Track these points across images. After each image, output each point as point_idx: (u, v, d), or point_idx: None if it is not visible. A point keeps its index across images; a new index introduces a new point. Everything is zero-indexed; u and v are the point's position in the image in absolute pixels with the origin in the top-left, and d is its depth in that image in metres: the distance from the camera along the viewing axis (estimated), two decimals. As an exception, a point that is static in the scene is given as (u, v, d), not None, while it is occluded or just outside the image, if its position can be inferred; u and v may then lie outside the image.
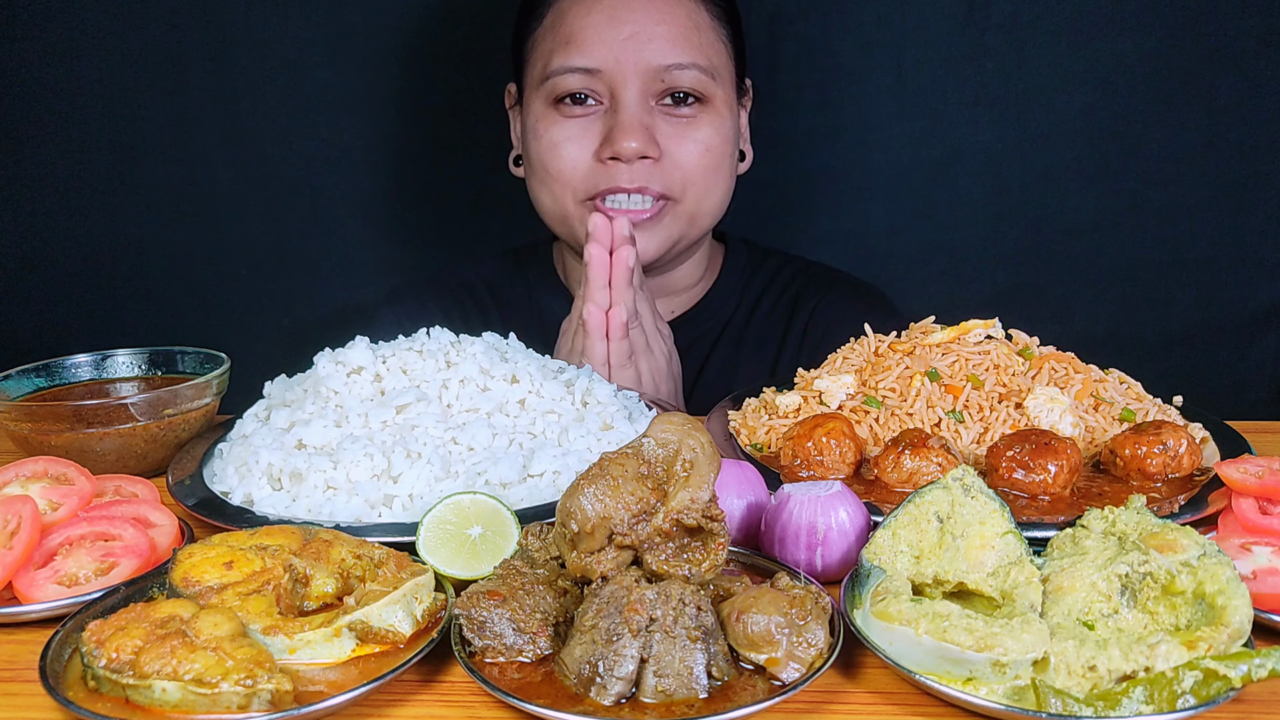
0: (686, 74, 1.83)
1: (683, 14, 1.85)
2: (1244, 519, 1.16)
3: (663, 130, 1.86)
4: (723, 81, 1.90)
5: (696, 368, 2.08)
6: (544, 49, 1.89)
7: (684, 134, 1.87)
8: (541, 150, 1.90)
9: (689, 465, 1.04)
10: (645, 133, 1.82)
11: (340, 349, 1.52)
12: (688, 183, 1.88)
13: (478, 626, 0.98)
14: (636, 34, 1.81)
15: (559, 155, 1.88)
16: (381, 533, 1.21)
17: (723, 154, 1.91)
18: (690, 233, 1.95)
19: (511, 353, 1.57)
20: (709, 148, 1.88)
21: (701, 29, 1.87)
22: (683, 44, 1.83)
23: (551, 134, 1.88)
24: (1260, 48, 2.26)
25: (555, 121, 1.87)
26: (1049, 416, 1.43)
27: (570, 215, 1.92)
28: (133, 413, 1.47)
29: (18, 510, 1.16)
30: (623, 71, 1.82)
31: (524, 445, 1.40)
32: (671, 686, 0.92)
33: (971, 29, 2.30)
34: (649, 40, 1.81)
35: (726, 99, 1.91)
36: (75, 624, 1.02)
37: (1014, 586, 1.02)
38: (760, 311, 2.12)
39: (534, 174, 1.96)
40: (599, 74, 1.83)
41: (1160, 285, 2.43)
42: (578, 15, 1.84)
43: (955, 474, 1.14)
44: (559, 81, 1.85)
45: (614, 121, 1.83)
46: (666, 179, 1.87)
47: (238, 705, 0.90)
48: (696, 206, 1.92)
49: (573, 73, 1.83)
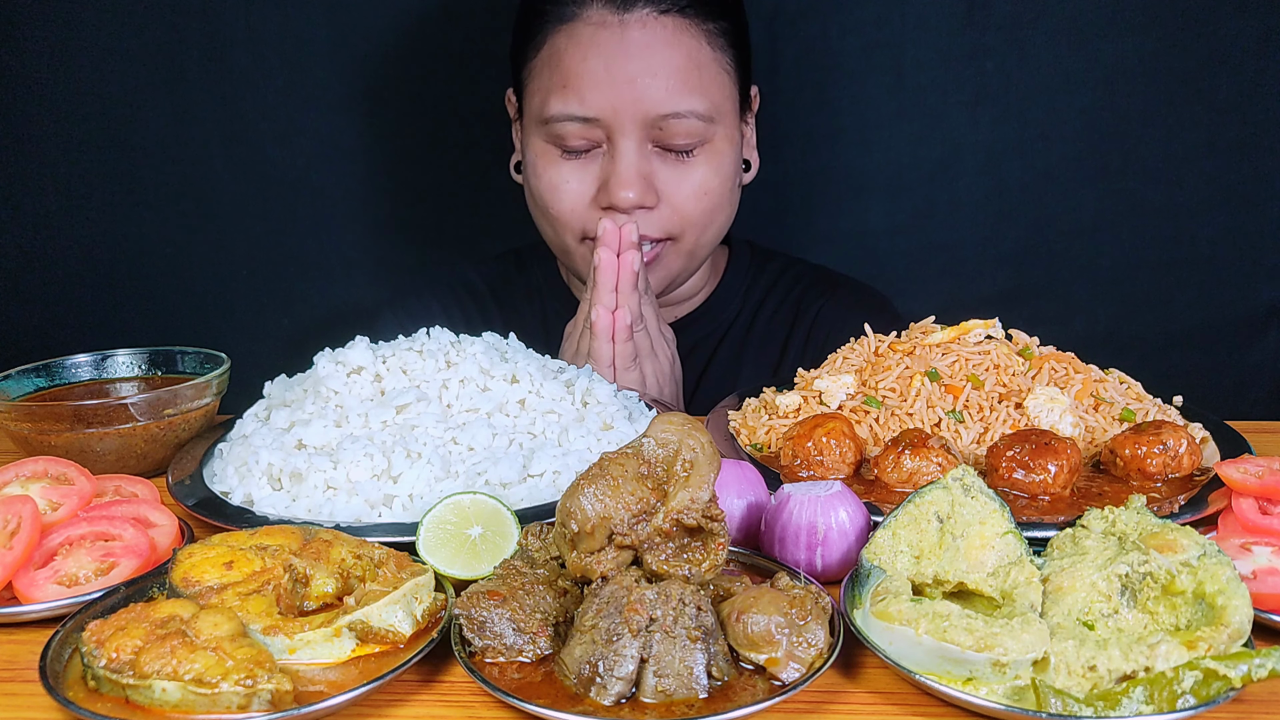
0: (683, 124, 1.80)
1: (682, 54, 1.80)
2: (1244, 519, 1.16)
3: (660, 174, 1.84)
4: (723, 118, 1.86)
5: (699, 370, 2.08)
6: (541, 85, 1.86)
7: (682, 177, 1.85)
8: (541, 189, 1.89)
9: (689, 465, 1.04)
10: (642, 182, 1.81)
11: (340, 349, 1.52)
12: (686, 224, 1.88)
13: (478, 626, 0.98)
14: (634, 81, 1.77)
15: (558, 198, 1.87)
16: (381, 533, 1.21)
17: (722, 193, 1.89)
18: (690, 265, 1.96)
19: (511, 353, 1.57)
20: (707, 190, 1.86)
21: (703, 66, 1.82)
22: (681, 89, 1.79)
23: (550, 176, 1.87)
24: (1260, 48, 2.26)
25: (554, 162, 1.87)
26: (1049, 416, 1.43)
27: (571, 250, 1.93)
28: (133, 413, 1.47)
29: (18, 510, 1.16)
30: (620, 120, 1.79)
31: (524, 445, 1.40)
32: (671, 686, 0.92)
33: (971, 29, 2.30)
34: (647, 88, 1.78)
35: (728, 134, 1.88)
36: (75, 624, 1.02)
37: (1014, 586, 1.02)
38: (763, 314, 2.11)
39: (534, 205, 1.96)
40: (596, 122, 1.81)
41: (1160, 285, 2.43)
42: (575, 59, 1.80)
43: (955, 474, 1.14)
44: (557, 128, 1.83)
45: (611, 170, 1.81)
46: (665, 223, 1.86)
47: (238, 705, 0.90)
48: (695, 243, 1.91)
49: (571, 121, 1.81)
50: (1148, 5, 2.26)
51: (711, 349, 2.09)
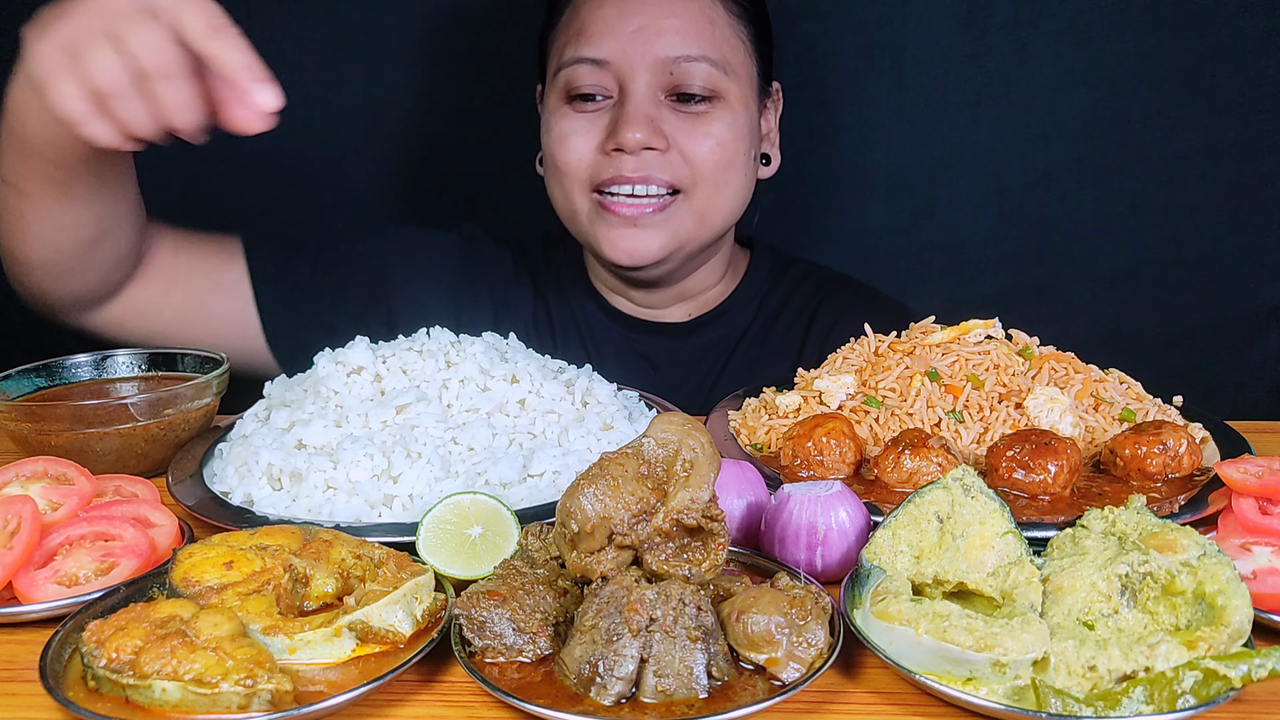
0: (697, 67, 1.80)
1: (695, 8, 1.82)
2: (1244, 519, 1.16)
3: (671, 123, 1.82)
4: (737, 78, 1.86)
5: (716, 372, 2.06)
6: (559, 43, 1.88)
7: (694, 128, 1.83)
8: (551, 143, 1.89)
9: (689, 465, 1.04)
10: (650, 124, 1.80)
11: (340, 349, 1.52)
12: (698, 176, 1.84)
13: (478, 626, 0.98)
14: (646, 26, 1.79)
15: (566, 148, 1.86)
16: (381, 533, 1.21)
17: (736, 151, 1.86)
18: (700, 233, 1.90)
19: (511, 353, 1.57)
20: (721, 143, 1.84)
21: (716, 24, 1.84)
22: (694, 37, 1.81)
23: (561, 127, 1.86)
24: (1260, 48, 2.26)
25: (566, 115, 1.86)
26: (1049, 416, 1.43)
27: (578, 210, 1.89)
28: (133, 413, 1.47)
29: (18, 510, 1.16)
30: (630, 63, 1.80)
31: (524, 445, 1.40)
32: (671, 686, 0.92)
33: (972, 29, 2.30)
34: (659, 33, 1.79)
35: (742, 96, 1.87)
36: (75, 624, 1.02)
37: (1014, 586, 1.02)
38: (782, 320, 2.09)
39: (547, 169, 1.95)
40: (607, 65, 1.81)
41: (1160, 285, 2.43)
42: (591, 9, 1.84)
43: (955, 474, 1.14)
44: (569, 74, 1.83)
45: (620, 114, 1.81)
46: (675, 170, 1.83)
47: (238, 705, 0.90)
48: (707, 203, 1.87)
49: (581, 63, 1.82)
50: (1149, 5, 2.26)
51: (729, 351, 2.07)
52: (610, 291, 2.07)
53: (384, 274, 2.03)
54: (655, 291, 2.02)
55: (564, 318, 2.08)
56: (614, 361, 2.03)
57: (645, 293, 2.03)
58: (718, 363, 2.06)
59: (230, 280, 1.94)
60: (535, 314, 2.08)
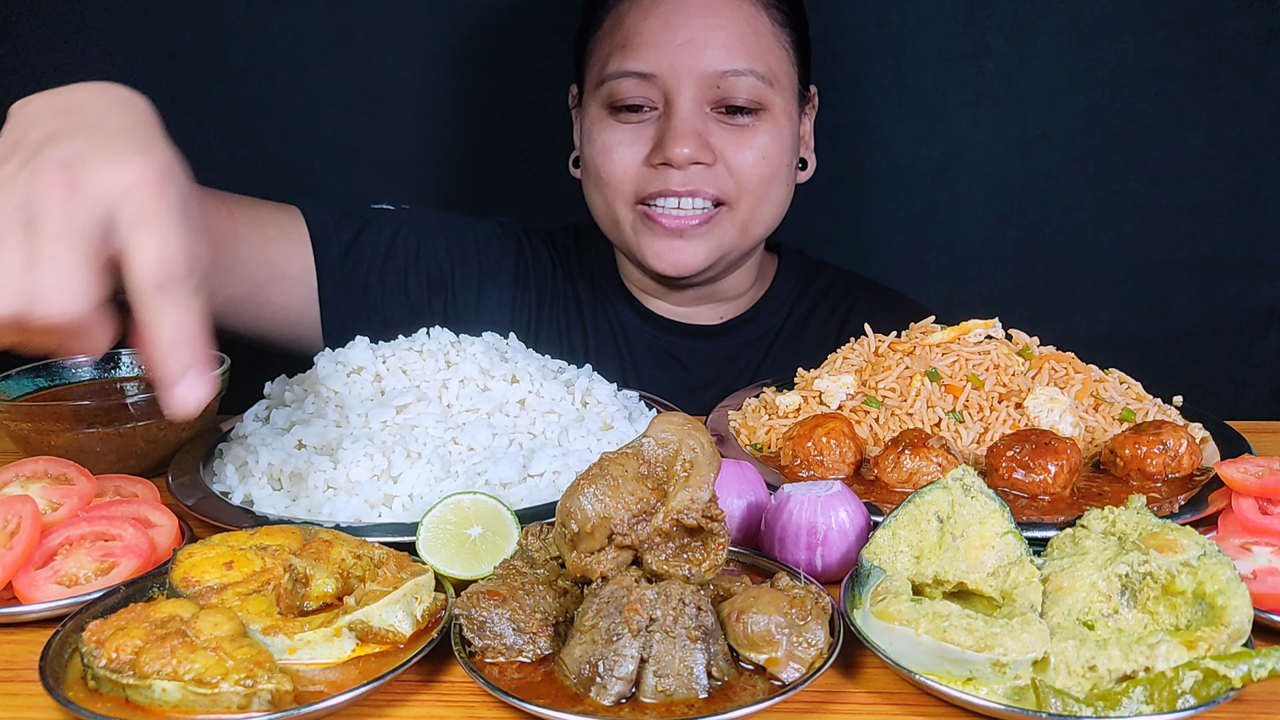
0: (743, 81, 1.79)
1: (741, 19, 1.81)
2: (1244, 519, 1.16)
3: (718, 136, 1.82)
4: (782, 89, 1.85)
5: (750, 374, 2.06)
6: (602, 52, 1.87)
7: (740, 141, 1.82)
8: (595, 154, 1.87)
9: (689, 465, 1.04)
10: (698, 139, 1.78)
11: (340, 349, 1.52)
12: (743, 189, 1.84)
13: (478, 626, 0.98)
14: (693, 39, 1.78)
15: (610, 159, 1.85)
16: (381, 533, 1.21)
17: (780, 163, 1.87)
18: (742, 243, 1.91)
19: (511, 353, 1.57)
20: (765, 155, 1.83)
21: (761, 35, 1.82)
22: (740, 50, 1.79)
23: (605, 138, 1.85)
24: (1260, 48, 2.26)
25: (609, 126, 1.85)
26: (1049, 416, 1.43)
27: (621, 220, 1.89)
28: (133, 413, 1.47)
29: (18, 510, 1.16)
30: (677, 77, 1.78)
31: (524, 445, 1.40)
32: (671, 686, 0.92)
33: (972, 29, 2.30)
34: (705, 46, 1.78)
35: (786, 107, 1.87)
36: (75, 624, 1.02)
37: (1014, 586, 1.02)
38: (814, 323, 2.09)
39: (588, 177, 1.94)
40: (654, 79, 1.79)
41: (1160, 285, 2.43)
42: (635, 19, 1.82)
43: (955, 474, 1.14)
44: (614, 86, 1.82)
45: (666, 127, 1.80)
46: (721, 183, 1.83)
47: (238, 705, 0.90)
48: (750, 214, 1.87)
49: (627, 77, 1.80)
50: (1149, 5, 2.26)
51: (762, 353, 2.07)
52: (642, 292, 2.07)
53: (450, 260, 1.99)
54: (689, 293, 2.03)
55: (596, 315, 2.08)
56: (646, 360, 2.04)
57: (678, 295, 2.03)
58: (750, 365, 2.07)
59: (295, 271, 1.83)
60: (568, 310, 2.08)
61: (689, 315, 2.07)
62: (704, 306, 2.07)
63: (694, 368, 2.04)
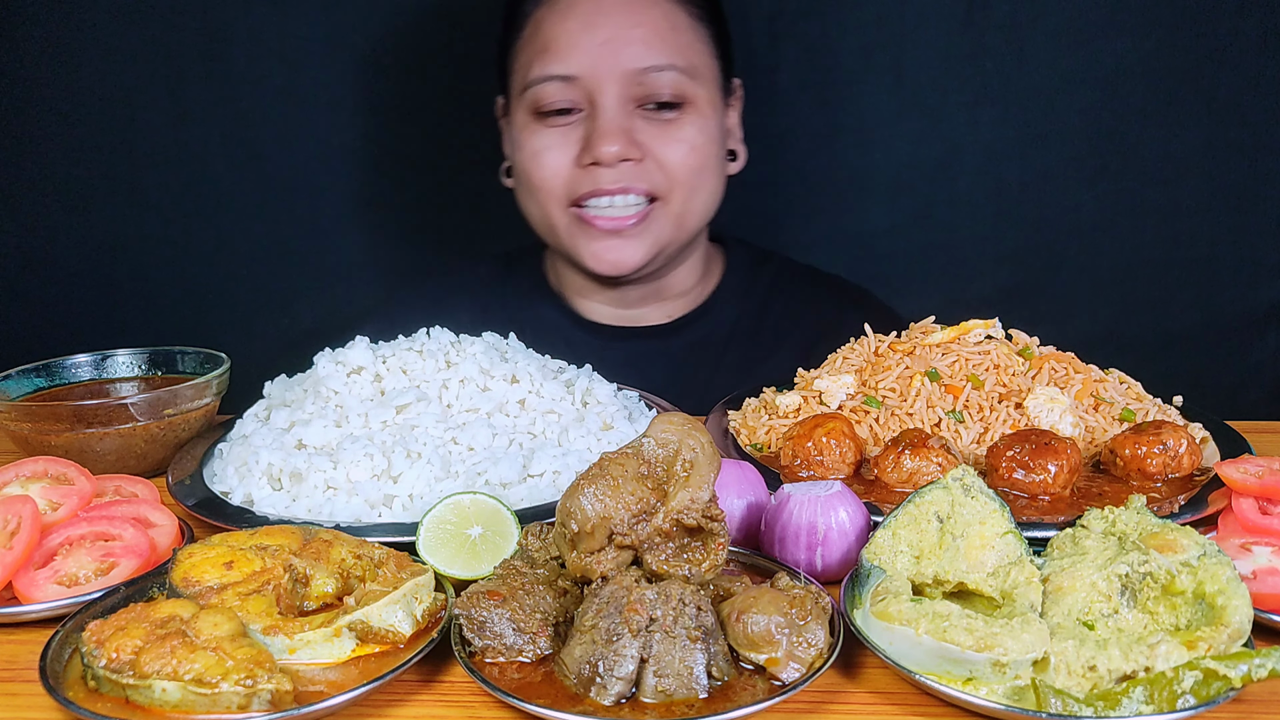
0: (665, 76, 1.80)
1: (659, 15, 1.82)
2: (1244, 519, 1.16)
3: (644, 132, 1.83)
4: (704, 81, 1.87)
5: (709, 370, 2.06)
6: (524, 59, 1.87)
7: (666, 135, 1.84)
8: (524, 160, 1.89)
9: (689, 465, 1.04)
10: (625, 136, 1.80)
11: (340, 349, 1.52)
12: (674, 182, 1.86)
13: (478, 626, 0.98)
14: (612, 38, 1.79)
15: (540, 164, 1.86)
16: (381, 533, 1.21)
17: (708, 154, 1.88)
18: (679, 236, 1.92)
19: (511, 353, 1.57)
20: (694, 148, 1.85)
21: (679, 29, 1.84)
22: (660, 46, 1.81)
23: (533, 144, 1.86)
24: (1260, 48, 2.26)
25: (537, 132, 1.86)
26: (1049, 416, 1.43)
27: (556, 224, 1.91)
28: (133, 413, 1.47)
29: (18, 510, 1.16)
30: (599, 77, 1.79)
31: (524, 445, 1.40)
32: (671, 686, 0.92)
33: (971, 29, 2.30)
34: (625, 44, 1.79)
35: (710, 98, 1.88)
36: (75, 624, 1.02)
37: (1014, 586, 1.02)
38: (771, 315, 2.10)
39: (520, 185, 1.95)
40: (577, 81, 1.80)
41: (1160, 285, 2.43)
42: (554, 23, 1.82)
43: (955, 474, 1.14)
44: (538, 91, 1.83)
45: (593, 127, 1.81)
46: (651, 178, 1.84)
47: (238, 705, 0.90)
48: (684, 206, 1.89)
49: (550, 80, 1.81)
50: (1147, 5, 2.26)
51: (719, 348, 2.08)
52: (583, 300, 2.08)
53: None
54: (633, 292, 2.03)
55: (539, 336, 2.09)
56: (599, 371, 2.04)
57: (622, 296, 2.03)
58: (707, 361, 2.07)
59: None
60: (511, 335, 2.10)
61: (637, 318, 2.07)
62: (650, 306, 2.07)
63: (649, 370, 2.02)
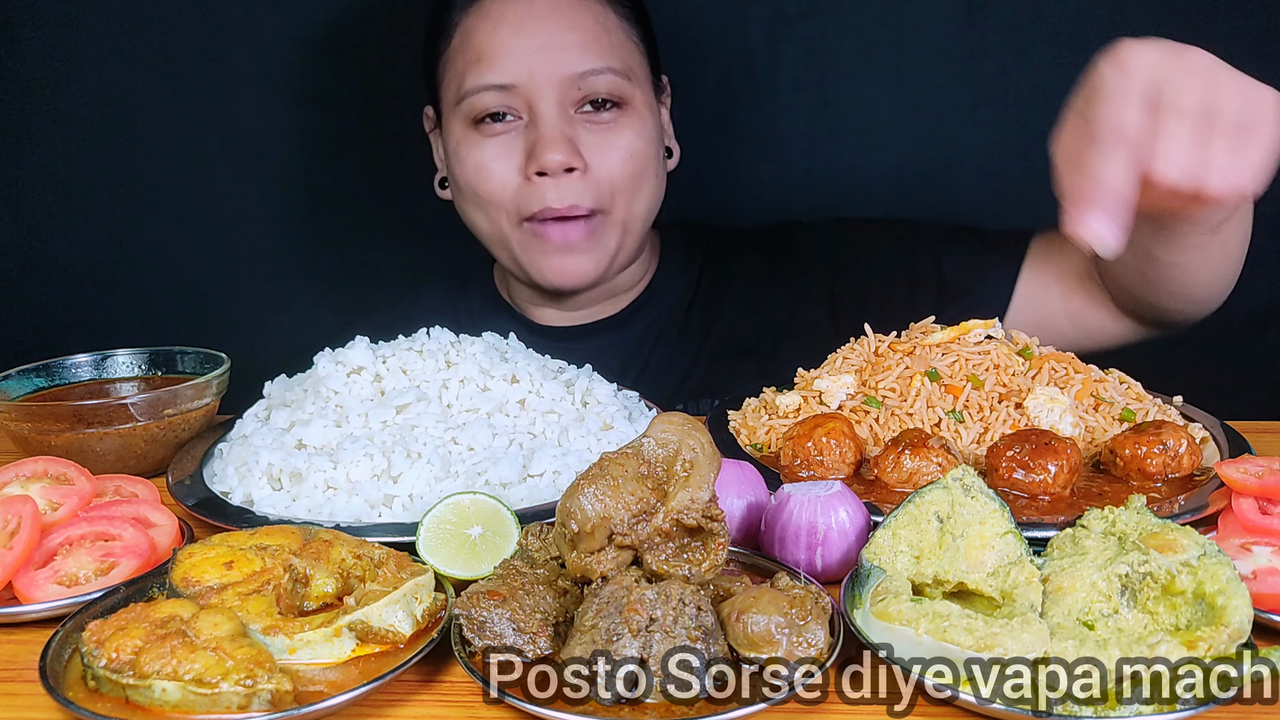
0: (602, 79, 1.80)
1: (590, 18, 1.82)
2: (1244, 519, 1.16)
3: (585, 140, 1.82)
4: (639, 82, 1.87)
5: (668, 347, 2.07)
6: (456, 69, 1.85)
7: (606, 141, 1.83)
8: (468, 174, 1.87)
9: (689, 465, 1.04)
10: (568, 144, 1.79)
11: (340, 349, 1.52)
12: (616, 192, 1.86)
13: (478, 626, 0.98)
14: (547, 44, 1.78)
15: (486, 178, 1.85)
16: (381, 533, 1.21)
17: (647, 156, 1.89)
18: (627, 242, 1.93)
19: (511, 353, 1.57)
20: (633, 153, 1.85)
21: (611, 31, 1.84)
22: (595, 49, 1.81)
23: (475, 156, 1.85)
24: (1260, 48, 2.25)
25: (477, 143, 1.84)
26: (1049, 416, 1.43)
27: (509, 238, 1.90)
28: (133, 413, 1.47)
29: (18, 510, 1.16)
30: (538, 83, 1.79)
31: (524, 445, 1.40)
32: (671, 687, 0.92)
33: (971, 29, 2.30)
34: (561, 49, 1.79)
35: (645, 99, 1.89)
36: (75, 624, 1.02)
37: (1014, 586, 1.02)
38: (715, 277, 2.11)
39: (465, 198, 1.93)
40: (514, 89, 1.79)
41: (1159, 285, 2.42)
42: (485, 32, 1.81)
43: (955, 474, 1.14)
44: (475, 101, 1.81)
45: (535, 136, 1.80)
46: (596, 192, 1.84)
47: (238, 705, 0.90)
48: (627, 212, 1.89)
49: (487, 90, 1.80)
50: (1147, 5, 2.26)
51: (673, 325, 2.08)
52: (535, 309, 2.09)
53: None
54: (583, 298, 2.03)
55: None
56: None
57: (573, 301, 2.04)
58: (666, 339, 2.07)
59: None
60: None
61: (590, 315, 2.08)
62: (604, 304, 2.08)
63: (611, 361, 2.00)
